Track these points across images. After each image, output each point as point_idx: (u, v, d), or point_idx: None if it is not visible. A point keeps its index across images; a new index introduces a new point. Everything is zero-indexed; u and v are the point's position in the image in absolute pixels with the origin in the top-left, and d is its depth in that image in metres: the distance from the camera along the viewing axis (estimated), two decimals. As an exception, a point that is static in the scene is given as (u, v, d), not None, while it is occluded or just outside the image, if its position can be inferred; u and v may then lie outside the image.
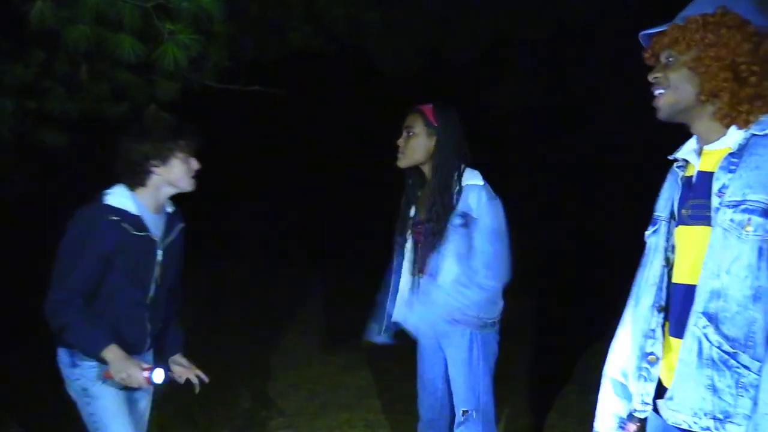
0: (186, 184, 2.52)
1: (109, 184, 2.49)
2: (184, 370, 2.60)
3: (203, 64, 4.15)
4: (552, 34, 7.04)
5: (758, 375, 1.48)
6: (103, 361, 2.40)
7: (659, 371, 1.69)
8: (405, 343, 2.93)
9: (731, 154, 1.55)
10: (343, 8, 5.30)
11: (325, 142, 9.21)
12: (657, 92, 1.66)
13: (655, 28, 1.67)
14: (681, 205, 1.65)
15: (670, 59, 1.64)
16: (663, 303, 1.69)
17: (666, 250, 1.69)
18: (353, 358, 5.08)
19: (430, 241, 2.67)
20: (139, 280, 2.49)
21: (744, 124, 1.57)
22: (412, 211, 2.83)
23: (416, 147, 2.70)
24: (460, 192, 2.64)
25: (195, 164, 2.51)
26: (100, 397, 2.47)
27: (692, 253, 1.60)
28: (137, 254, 2.46)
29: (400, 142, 2.73)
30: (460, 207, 2.63)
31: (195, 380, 2.58)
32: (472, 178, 2.67)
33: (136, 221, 2.43)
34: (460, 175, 2.68)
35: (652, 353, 1.69)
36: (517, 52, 7.74)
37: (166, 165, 2.46)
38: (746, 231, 1.48)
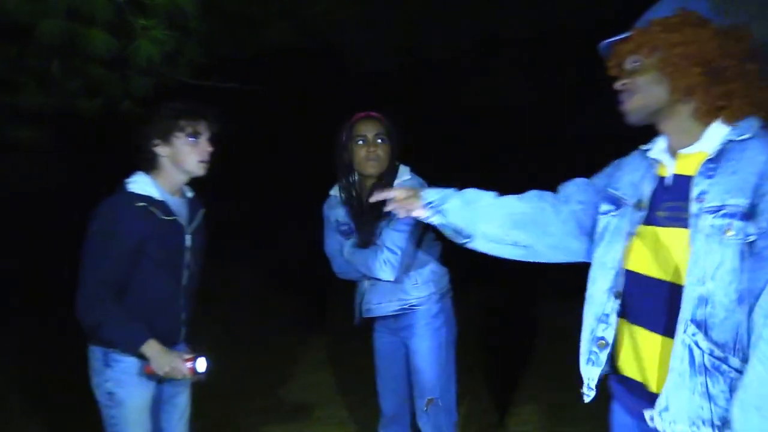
0: (193, 167, 2.45)
1: (89, 177, 2.47)
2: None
3: (178, 60, 4.14)
4: (533, 32, 7.10)
5: None
6: (141, 357, 2.37)
7: (607, 357, 1.71)
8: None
9: (709, 160, 1.56)
10: (320, 5, 5.31)
11: (301, 139, 9.20)
12: (624, 98, 1.67)
13: (615, 37, 1.68)
14: (656, 206, 1.65)
15: (636, 64, 1.65)
16: (620, 288, 1.69)
17: (627, 236, 1.69)
18: (324, 355, 5.10)
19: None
20: (172, 267, 2.46)
21: (730, 119, 1.58)
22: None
23: (387, 153, 2.76)
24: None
25: (204, 146, 2.46)
26: (124, 404, 2.43)
27: (665, 252, 1.60)
28: (168, 240, 2.43)
29: (373, 150, 2.73)
30: None
31: None
32: (403, 175, 2.78)
33: (162, 206, 2.41)
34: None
35: (602, 338, 1.70)
36: (497, 49, 7.78)
37: (170, 145, 2.43)
38: (728, 235, 1.48)
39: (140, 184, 2.42)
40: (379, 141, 2.74)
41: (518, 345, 5.12)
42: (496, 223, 1.92)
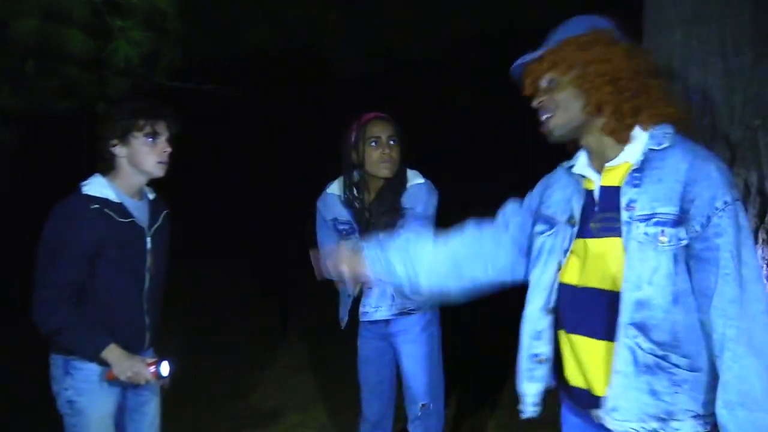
0: (151, 168, 2.40)
1: (57, 181, 2.44)
2: None
3: (155, 62, 4.10)
4: (505, 33, 7.14)
5: (689, 371, 1.57)
6: (103, 363, 2.32)
7: (551, 370, 1.77)
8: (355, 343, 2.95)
9: (634, 170, 1.62)
10: (300, 8, 5.29)
11: (277, 143, 9.17)
12: (545, 116, 1.70)
13: (528, 56, 1.71)
14: (588, 219, 1.69)
15: (552, 82, 1.69)
16: (552, 305, 1.75)
17: (563, 253, 1.73)
18: (304, 359, 5.08)
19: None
20: (132, 271, 2.41)
21: (627, 140, 1.64)
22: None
23: (399, 155, 2.77)
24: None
25: (162, 147, 2.40)
26: (84, 413, 2.38)
27: (600, 262, 1.65)
28: (127, 244, 2.38)
29: (388, 152, 2.74)
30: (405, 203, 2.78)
31: None
32: (414, 178, 2.83)
33: (119, 208, 2.36)
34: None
35: (538, 354, 1.77)
36: (479, 49, 7.79)
37: (128, 146, 2.38)
38: (661, 242, 1.55)
39: (95, 185, 2.37)
40: (392, 142, 2.75)
41: (505, 347, 5.13)
42: (442, 268, 1.92)
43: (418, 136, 2.91)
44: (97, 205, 2.32)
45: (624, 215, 1.60)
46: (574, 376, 1.73)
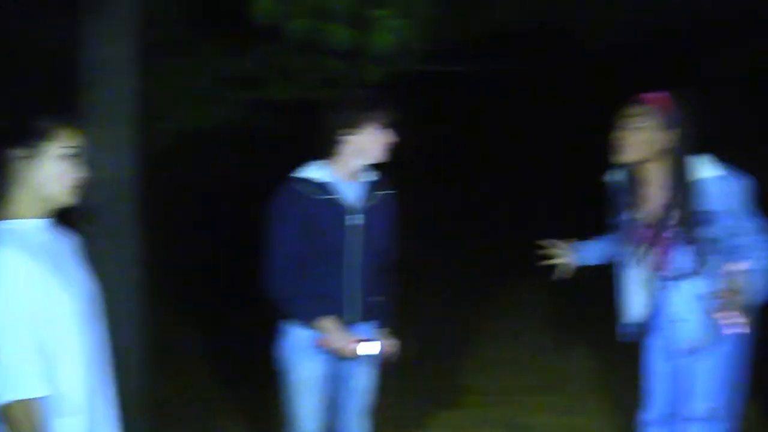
0: (377, 155, 2.58)
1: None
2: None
3: (408, 47, 4.24)
4: None
5: None
6: (319, 331, 2.54)
7: None
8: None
9: None
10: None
11: (532, 124, 8.98)
12: None
13: None
14: None
15: None
16: None
17: None
18: (556, 340, 4.97)
19: (674, 243, 2.52)
20: (337, 246, 2.57)
21: None
22: (632, 213, 2.63)
23: (646, 142, 2.49)
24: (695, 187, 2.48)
25: (389, 136, 2.57)
26: (293, 371, 2.63)
27: None
28: (328, 219, 2.55)
29: (622, 135, 2.52)
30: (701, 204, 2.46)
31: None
32: (704, 169, 2.48)
33: (320, 186, 2.55)
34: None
35: None
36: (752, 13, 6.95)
37: (360, 134, 2.54)
38: None
39: (304, 169, 2.59)
40: (632, 126, 2.53)
41: None
42: None
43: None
44: (298, 185, 2.55)
45: None
46: None
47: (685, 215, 2.46)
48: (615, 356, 3.88)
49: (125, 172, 3.30)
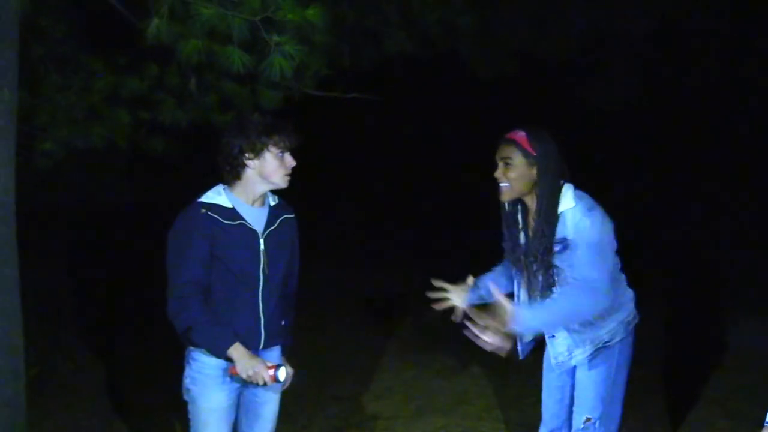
0: (279, 180, 2.58)
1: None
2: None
3: (304, 73, 4.28)
4: (650, 30, 6.85)
5: None
6: (227, 359, 2.49)
7: None
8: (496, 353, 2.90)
9: None
10: (437, 12, 5.34)
11: (420, 146, 9.25)
12: None
13: None
14: None
15: None
16: None
17: None
18: (449, 362, 5.08)
19: (539, 267, 2.66)
20: (244, 272, 2.55)
21: None
22: (521, 238, 2.77)
23: (518, 179, 2.62)
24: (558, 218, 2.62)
25: (290, 161, 2.58)
26: (196, 402, 2.58)
27: None
28: (237, 245, 2.53)
29: (498, 174, 2.65)
30: (559, 233, 2.61)
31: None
32: (565, 202, 2.62)
33: (227, 212, 2.53)
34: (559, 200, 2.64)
35: None
36: (613, 48, 7.54)
37: (260, 159, 2.53)
38: None
39: (210, 194, 2.57)
40: (505, 165, 2.64)
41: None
42: None
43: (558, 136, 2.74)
44: (205, 210, 2.51)
45: None
46: None
47: (543, 243, 2.61)
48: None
49: (2, 192, 3.11)
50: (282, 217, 2.68)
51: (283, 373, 2.48)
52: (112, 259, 7.20)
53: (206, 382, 2.57)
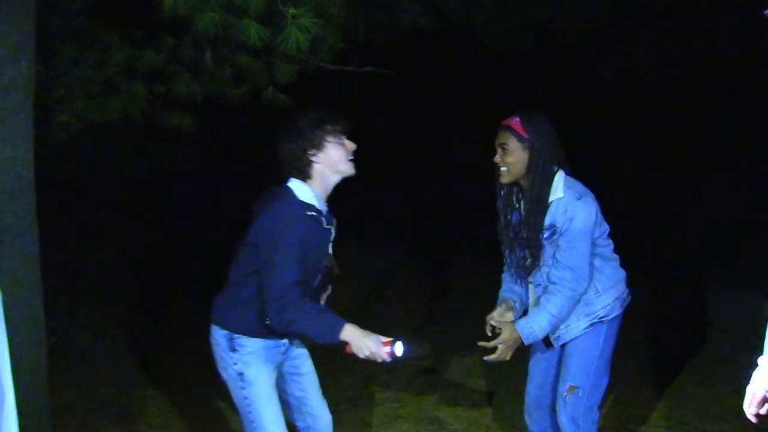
0: (346, 167, 2.61)
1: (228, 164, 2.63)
2: None
3: (319, 47, 4.26)
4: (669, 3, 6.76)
5: None
6: (267, 337, 2.58)
7: None
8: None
9: None
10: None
11: (434, 121, 9.19)
12: None
13: None
14: None
15: None
16: None
17: None
18: (459, 337, 5.11)
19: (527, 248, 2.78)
20: (312, 268, 2.61)
21: None
22: (514, 219, 2.85)
23: (515, 163, 2.69)
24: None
25: (350, 145, 2.61)
26: (255, 383, 2.62)
27: None
28: (319, 244, 2.61)
29: (497, 159, 2.73)
30: (548, 221, 2.70)
31: None
32: (556, 191, 2.69)
33: (318, 213, 2.57)
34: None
35: None
36: (631, 23, 7.43)
37: (323, 151, 2.56)
38: None
39: (304, 192, 2.57)
40: (502, 150, 2.73)
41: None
42: None
43: (569, 112, 2.78)
44: (306, 211, 2.53)
45: None
46: None
47: (531, 231, 2.71)
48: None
49: (21, 165, 3.13)
50: (334, 221, 2.71)
51: (400, 348, 2.45)
52: (128, 232, 7.26)
53: (259, 362, 2.62)
